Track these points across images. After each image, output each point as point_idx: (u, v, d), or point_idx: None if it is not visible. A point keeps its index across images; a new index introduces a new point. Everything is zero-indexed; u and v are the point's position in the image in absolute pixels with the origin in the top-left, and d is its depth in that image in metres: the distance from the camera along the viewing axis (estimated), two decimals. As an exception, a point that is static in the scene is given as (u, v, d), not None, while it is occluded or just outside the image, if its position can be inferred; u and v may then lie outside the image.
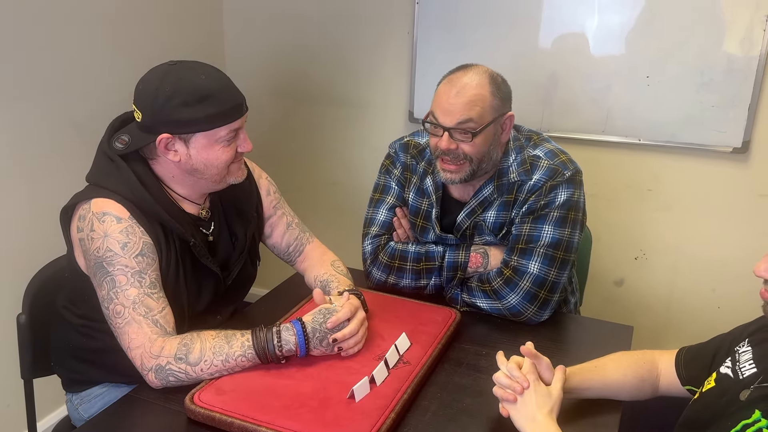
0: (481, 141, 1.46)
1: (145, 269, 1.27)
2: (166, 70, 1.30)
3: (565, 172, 1.51)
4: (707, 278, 2.35)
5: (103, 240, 1.26)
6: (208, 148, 1.31)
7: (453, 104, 1.44)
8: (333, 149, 2.82)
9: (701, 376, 1.15)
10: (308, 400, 1.17)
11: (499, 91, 1.47)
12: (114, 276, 1.25)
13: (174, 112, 1.26)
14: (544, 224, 1.49)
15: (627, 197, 2.38)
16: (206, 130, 1.29)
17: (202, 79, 1.29)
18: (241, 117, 1.34)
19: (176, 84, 1.27)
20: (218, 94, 1.29)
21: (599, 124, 2.31)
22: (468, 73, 1.46)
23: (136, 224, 1.28)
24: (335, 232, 2.91)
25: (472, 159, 1.47)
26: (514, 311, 1.50)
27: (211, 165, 1.33)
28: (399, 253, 1.62)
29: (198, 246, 1.37)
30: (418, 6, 2.44)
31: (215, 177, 1.36)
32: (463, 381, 1.30)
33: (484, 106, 1.44)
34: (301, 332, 1.27)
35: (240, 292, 1.58)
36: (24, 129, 1.98)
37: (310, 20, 2.68)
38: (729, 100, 2.11)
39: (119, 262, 1.25)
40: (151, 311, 1.25)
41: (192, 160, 1.32)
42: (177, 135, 1.29)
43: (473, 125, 1.43)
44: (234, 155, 1.35)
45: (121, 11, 2.24)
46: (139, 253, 1.27)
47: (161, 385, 1.23)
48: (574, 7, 2.23)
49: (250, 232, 1.52)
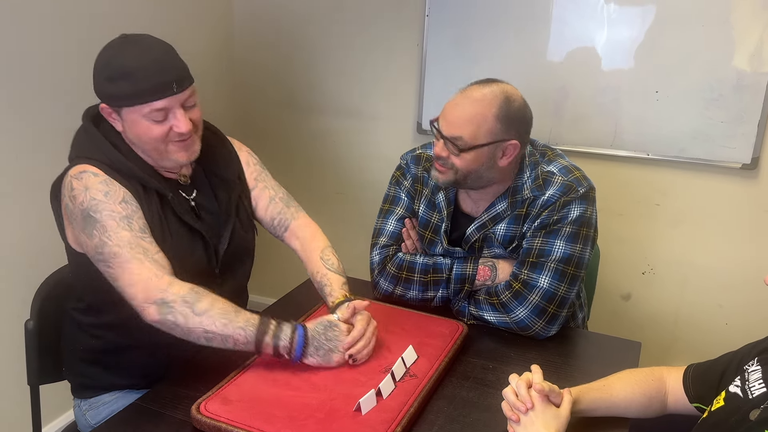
0: (470, 158, 1.45)
1: (131, 215, 1.28)
2: (111, 44, 1.33)
3: (579, 189, 1.50)
4: (715, 294, 2.34)
5: (84, 193, 1.27)
6: (138, 123, 1.31)
7: (451, 115, 1.45)
8: (341, 159, 2.83)
9: (709, 394, 1.14)
10: (315, 412, 1.17)
11: (507, 116, 1.43)
12: (103, 222, 1.25)
13: (103, 86, 1.30)
14: (556, 239, 1.49)
15: (635, 212, 2.38)
16: (127, 107, 1.29)
17: (132, 55, 1.29)
18: (167, 97, 1.30)
19: (108, 58, 1.30)
20: (141, 72, 1.28)
21: (608, 138, 2.30)
22: (484, 89, 1.45)
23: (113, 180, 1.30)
24: (343, 242, 2.92)
25: (457, 171, 1.48)
26: (522, 325, 1.50)
27: (143, 140, 1.33)
28: (407, 264, 1.62)
29: (176, 201, 1.37)
30: (428, 18, 2.45)
31: (153, 152, 1.35)
32: (470, 395, 1.29)
33: (479, 127, 1.43)
34: (302, 335, 1.27)
35: (239, 267, 1.56)
36: (33, 134, 1.99)
37: (319, 31, 2.69)
38: (738, 116, 2.11)
39: (106, 207, 1.26)
40: (147, 251, 1.26)
41: (128, 132, 1.33)
42: (111, 106, 1.31)
43: (462, 143, 1.43)
44: (166, 133, 1.32)
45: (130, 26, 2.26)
46: (122, 200, 1.28)
47: (158, 320, 1.23)
48: (584, 21, 2.23)
49: (234, 195, 1.51)
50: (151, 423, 1.20)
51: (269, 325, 1.26)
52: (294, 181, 2.93)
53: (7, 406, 2.07)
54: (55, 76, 2.03)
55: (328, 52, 2.71)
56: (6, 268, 1.97)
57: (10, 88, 1.92)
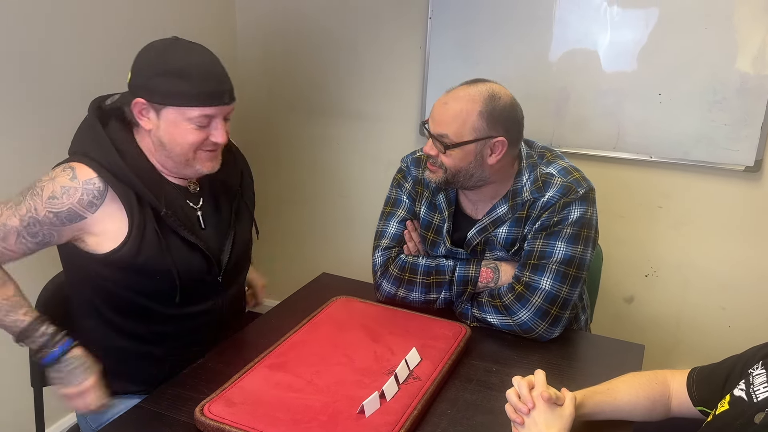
0: (457, 156, 1.46)
1: (45, 224, 1.27)
2: (165, 43, 1.32)
3: (579, 190, 1.51)
4: (718, 297, 2.34)
5: (48, 180, 1.28)
6: (177, 125, 1.30)
7: (437, 114, 1.47)
8: (343, 162, 2.83)
9: (713, 397, 1.14)
10: (318, 414, 1.17)
11: (491, 114, 1.43)
12: (23, 203, 1.27)
13: (152, 80, 1.28)
14: (557, 241, 1.49)
15: (638, 214, 2.37)
16: (177, 106, 1.29)
17: (192, 57, 1.31)
18: (218, 105, 1.32)
19: (165, 55, 1.29)
20: (200, 75, 1.29)
21: (610, 140, 2.30)
22: (470, 88, 1.46)
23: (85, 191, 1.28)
24: (345, 244, 2.93)
25: (446, 169, 1.49)
26: (525, 327, 1.50)
27: (176, 143, 1.32)
28: (409, 266, 1.62)
29: (170, 216, 1.35)
30: (430, 21, 2.45)
31: (180, 157, 1.35)
32: (473, 398, 1.29)
33: (463, 124, 1.43)
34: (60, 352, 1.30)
35: (241, 272, 1.58)
36: (39, 136, 1.99)
37: (322, 33, 2.69)
38: (741, 118, 2.11)
39: (35, 202, 1.27)
40: (3, 242, 1.27)
41: (160, 132, 1.32)
42: (150, 103, 1.30)
43: (447, 140, 1.45)
44: (202, 140, 1.33)
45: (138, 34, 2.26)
46: (56, 213, 1.27)
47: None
48: (587, 24, 2.23)
49: (235, 203, 1.51)
50: (155, 425, 1.20)
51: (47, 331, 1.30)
52: (297, 183, 2.94)
53: (10, 408, 2.07)
54: (60, 77, 2.03)
55: (331, 54, 2.71)
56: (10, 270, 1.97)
57: (15, 90, 1.93)
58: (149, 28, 2.30)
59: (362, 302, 1.61)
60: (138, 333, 1.42)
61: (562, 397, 1.12)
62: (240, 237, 1.52)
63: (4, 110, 1.91)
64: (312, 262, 2.93)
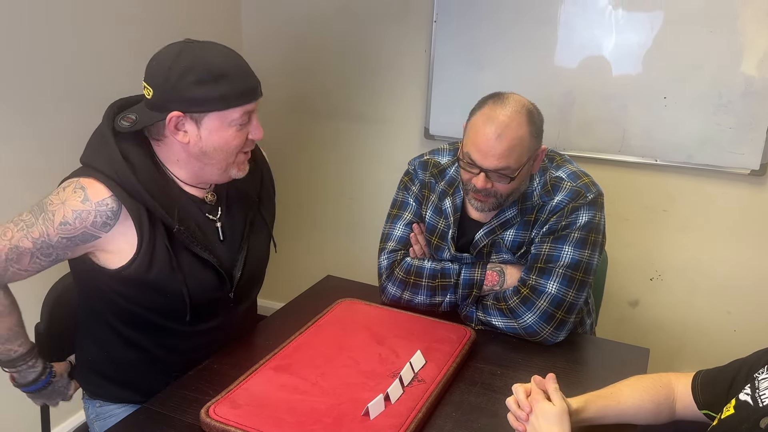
0: (518, 180, 1.46)
1: (59, 247, 1.24)
2: (180, 48, 1.25)
3: (588, 195, 1.51)
4: (723, 300, 2.33)
5: (59, 204, 1.23)
6: (220, 131, 1.26)
7: (493, 148, 1.39)
8: (349, 164, 2.84)
9: (718, 401, 1.14)
10: (323, 417, 1.17)
11: (536, 128, 1.43)
12: (35, 226, 1.23)
13: (187, 90, 1.21)
14: (564, 245, 1.49)
15: (643, 218, 2.37)
16: (220, 110, 1.24)
17: (219, 58, 1.25)
18: (256, 100, 1.29)
19: (192, 61, 1.22)
20: (234, 74, 1.25)
21: (616, 143, 2.30)
22: (506, 108, 1.40)
23: (98, 212, 1.23)
24: (351, 246, 2.93)
25: (501, 196, 1.48)
26: (530, 331, 1.50)
27: (221, 149, 1.28)
28: (415, 269, 1.62)
29: (183, 232, 1.30)
30: (435, 24, 2.46)
31: (222, 164, 1.30)
32: (477, 401, 1.29)
33: (522, 150, 1.41)
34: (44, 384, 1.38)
35: (254, 287, 1.54)
36: (45, 139, 2.01)
37: (327, 37, 2.70)
38: (747, 122, 2.10)
39: (47, 228, 1.22)
40: (16, 263, 1.25)
41: (202, 142, 1.26)
42: (189, 114, 1.23)
43: (509, 171, 1.42)
44: (245, 142, 1.31)
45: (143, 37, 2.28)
46: (69, 237, 1.23)
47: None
48: (592, 27, 2.23)
49: (250, 216, 1.47)
50: (160, 426, 1.20)
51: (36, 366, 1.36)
52: (302, 186, 2.95)
53: (16, 409, 2.08)
54: (66, 79, 2.04)
55: (336, 57, 2.72)
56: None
57: (22, 92, 1.94)
58: (155, 31, 2.31)
59: (367, 305, 1.62)
60: (146, 346, 1.40)
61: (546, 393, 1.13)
62: (254, 251, 1.47)
63: (7, 112, 1.92)
64: (317, 264, 2.94)
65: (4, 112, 1.90)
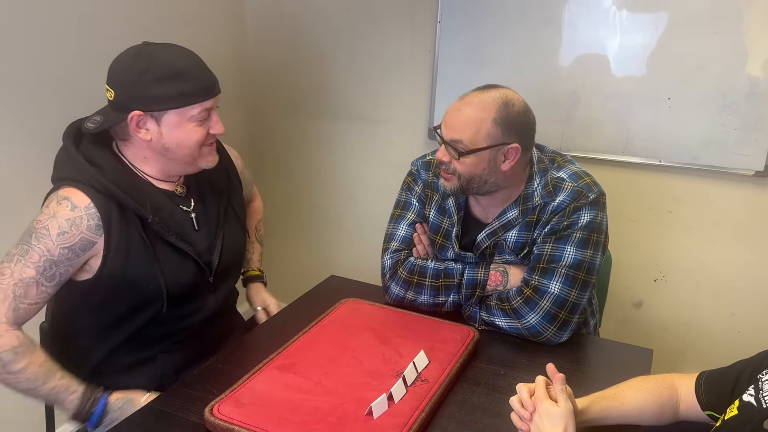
0: (471, 162, 1.46)
1: (61, 262, 1.27)
2: (138, 49, 1.31)
3: (590, 195, 1.51)
4: (727, 302, 2.33)
5: (48, 218, 1.27)
6: (180, 127, 1.31)
7: (451, 120, 1.46)
8: (353, 164, 2.84)
9: (722, 402, 1.14)
10: (326, 416, 1.17)
11: (505, 120, 1.44)
12: (32, 250, 1.25)
13: (146, 88, 1.27)
14: (567, 245, 1.49)
15: (647, 218, 2.37)
16: (178, 107, 1.29)
17: (175, 57, 1.31)
18: (214, 97, 1.35)
19: (149, 61, 1.28)
20: (191, 72, 1.31)
21: (619, 144, 2.30)
22: (483, 94, 1.46)
23: (89, 215, 1.28)
24: (355, 246, 2.93)
25: (460, 176, 1.49)
26: (533, 331, 1.50)
27: (182, 145, 1.34)
28: (418, 269, 1.63)
29: (157, 223, 1.35)
30: (440, 25, 2.46)
31: (186, 158, 1.36)
32: (481, 401, 1.29)
33: (478, 131, 1.43)
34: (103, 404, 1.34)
35: (233, 271, 1.60)
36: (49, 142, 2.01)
37: (331, 36, 2.71)
38: (751, 123, 2.10)
39: (45, 243, 1.25)
40: (25, 298, 1.25)
41: (163, 138, 1.32)
42: (148, 112, 1.29)
43: (461, 146, 1.45)
44: (205, 136, 1.36)
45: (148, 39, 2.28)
46: (69, 246, 1.26)
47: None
48: (596, 28, 2.23)
49: (223, 202, 1.53)
50: (165, 425, 1.21)
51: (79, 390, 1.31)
52: (304, 185, 2.95)
53: (21, 408, 2.08)
54: (68, 82, 2.05)
55: (340, 57, 2.72)
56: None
57: (23, 95, 1.95)
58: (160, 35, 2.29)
59: (371, 305, 1.62)
60: (131, 341, 1.44)
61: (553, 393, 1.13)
62: (230, 238, 1.53)
63: (7, 115, 1.92)
64: (321, 264, 2.94)
65: (4, 116, 1.91)
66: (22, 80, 1.93)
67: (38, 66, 1.96)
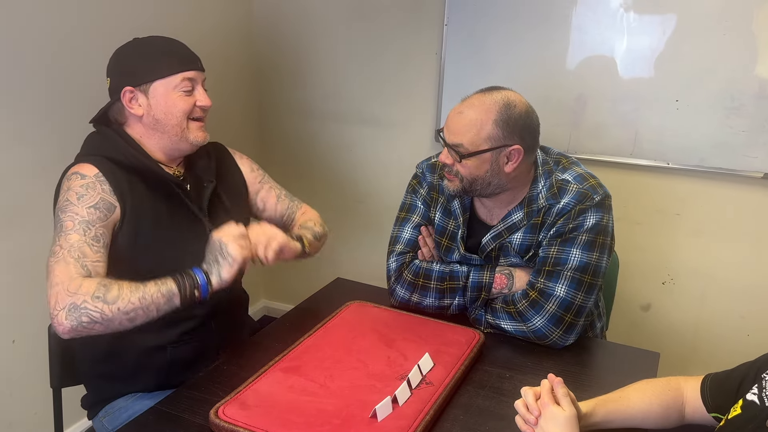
0: (472, 165, 1.47)
1: (94, 222, 1.33)
2: (128, 43, 1.47)
3: (595, 197, 1.50)
4: (736, 305, 2.31)
5: (65, 193, 1.35)
6: (166, 96, 1.42)
7: (452, 123, 1.47)
8: (360, 167, 2.85)
9: (727, 403, 1.13)
10: (331, 418, 1.18)
11: (507, 122, 1.43)
12: (63, 222, 1.31)
13: (133, 66, 1.42)
14: (572, 247, 1.49)
15: (655, 221, 2.36)
16: (163, 77, 1.41)
17: (161, 40, 1.47)
18: (196, 70, 1.46)
19: (137, 45, 1.46)
20: (172, 48, 1.46)
21: (627, 147, 2.29)
22: (485, 96, 1.46)
23: (101, 181, 1.37)
24: (360, 249, 2.94)
25: (462, 178, 1.50)
26: (539, 334, 1.49)
27: (170, 114, 1.43)
28: (423, 272, 1.63)
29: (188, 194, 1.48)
30: (446, 27, 2.46)
31: (176, 129, 1.45)
32: (486, 404, 1.29)
33: (478, 134, 1.44)
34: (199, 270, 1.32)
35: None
36: (60, 143, 2.03)
37: (338, 40, 2.71)
38: (760, 125, 2.09)
39: (71, 209, 1.32)
40: (84, 257, 1.28)
41: (153, 110, 1.43)
42: (138, 87, 1.41)
43: (463, 149, 1.45)
44: (192, 107, 1.45)
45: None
46: (93, 205, 1.34)
47: (70, 328, 1.21)
48: (603, 30, 2.23)
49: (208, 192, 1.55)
50: (170, 427, 1.21)
51: (178, 277, 1.30)
52: (313, 189, 2.96)
53: (29, 409, 2.10)
54: (80, 81, 2.06)
55: (347, 60, 2.73)
56: (31, 273, 2.01)
57: (40, 93, 1.97)
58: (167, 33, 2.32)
59: (376, 307, 1.62)
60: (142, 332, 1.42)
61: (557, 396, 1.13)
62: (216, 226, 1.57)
63: (26, 112, 1.95)
64: (327, 266, 2.94)
65: (23, 113, 1.94)
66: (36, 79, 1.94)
67: (51, 65, 1.98)
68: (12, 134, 1.92)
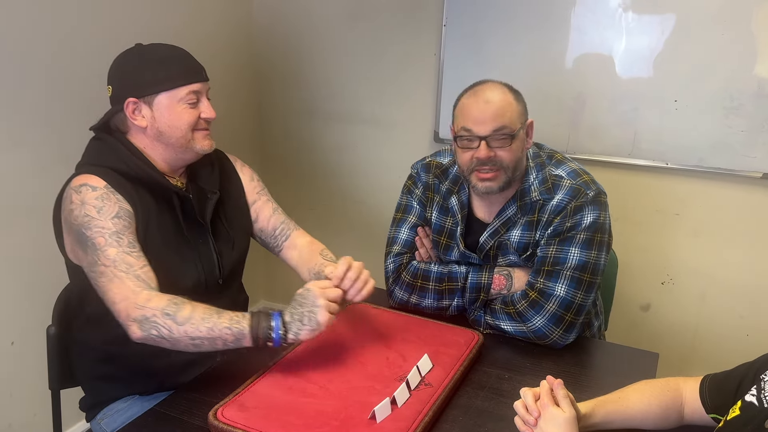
0: (516, 147, 1.48)
1: (122, 231, 1.31)
2: (130, 49, 1.42)
3: (588, 192, 1.50)
4: (736, 305, 2.31)
5: (80, 208, 1.31)
6: (170, 109, 1.38)
7: (485, 112, 1.46)
8: (359, 168, 2.85)
9: (726, 404, 1.13)
10: (330, 420, 1.18)
11: (519, 99, 1.51)
12: (94, 239, 1.29)
13: (137, 76, 1.37)
14: (571, 246, 1.49)
15: (654, 221, 2.36)
16: (168, 90, 1.37)
17: (163, 48, 1.42)
18: (202, 81, 1.42)
19: (140, 53, 1.40)
20: (177, 59, 1.41)
21: (626, 147, 2.29)
22: (487, 85, 1.50)
23: (112, 192, 1.34)
24: (360, 249, 2.93)
25: (507, 167, 1.49)
26: (540, 334, 1.49)
27: (175, 126, 1.39)
28: (421, 273, 1.63)
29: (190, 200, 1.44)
30: (445, 28, 2.46)
31: (180, 141, 1.41)
32: (485, 405, 1.29)
33: (513, 113, 1.47)
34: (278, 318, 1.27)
35: (237, 276, 1.62)
36: (57, 146, 2.03)
37: (337, 40, 2.71)
38: (759, 125, 2.09)
39: (96, 224, 1.30)
40: (131, 267, 1.28)
41: (157, 122, 1.39)
42: (141, 98, 1.37)
43: (508, 130, 1.46)
44: (196, 119, 1.42)
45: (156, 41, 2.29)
46: (115, 215, 1.32)
47: (142, 337, 1.24)
48: (602, 30, 2.23)
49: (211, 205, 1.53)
50: (169, 429, 1.21)
51: (254, 318, 1.27)
52: (312, 189, 2.96)
53: (28, 410, 2.10)
54: (80, 82, 2.06)
55: (347, 61, 2.73)
56: (30, 275, 2.01)
57: (40, 97, 1.97)
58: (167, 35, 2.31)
59: (375, 308, 1.62)
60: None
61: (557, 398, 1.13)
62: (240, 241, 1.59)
63: (26, 115, 1.94)
64: (327, 267, 2.94)
65: (23, 113, 1.94)
66: (36, 83, 1.94)
67: (51, 69, 1.98)
68: (12, 135, 1.92)
